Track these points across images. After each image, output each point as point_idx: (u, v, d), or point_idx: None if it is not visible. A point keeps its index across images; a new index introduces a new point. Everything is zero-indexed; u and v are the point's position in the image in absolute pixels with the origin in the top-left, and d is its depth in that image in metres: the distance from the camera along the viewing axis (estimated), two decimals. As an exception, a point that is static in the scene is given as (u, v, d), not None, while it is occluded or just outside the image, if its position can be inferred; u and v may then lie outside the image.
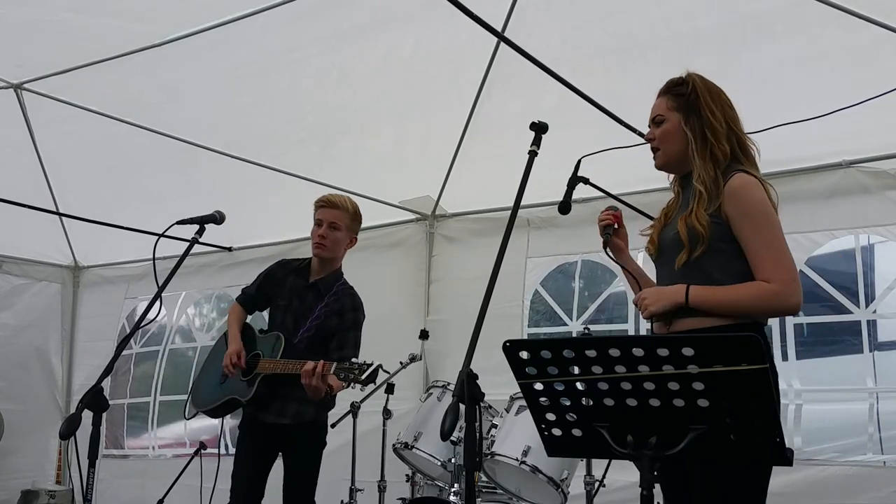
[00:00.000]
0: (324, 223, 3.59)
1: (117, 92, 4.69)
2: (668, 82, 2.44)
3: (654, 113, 2.43)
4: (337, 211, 3.60)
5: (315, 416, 3.54)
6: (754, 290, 2.19)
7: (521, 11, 4.09)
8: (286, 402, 3.48)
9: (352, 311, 3.60)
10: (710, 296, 2.21)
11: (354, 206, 3.69)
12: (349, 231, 3.66)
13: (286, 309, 3.63)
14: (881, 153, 4.19)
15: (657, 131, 2.41)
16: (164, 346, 6.70)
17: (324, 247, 3.59)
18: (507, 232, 2.21)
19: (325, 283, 3.63)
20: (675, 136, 2.38)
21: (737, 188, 2.26)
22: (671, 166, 2.44)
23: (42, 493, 6.29)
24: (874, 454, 4.05)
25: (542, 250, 5.22)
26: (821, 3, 3.53)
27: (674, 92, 2.40)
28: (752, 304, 2.19)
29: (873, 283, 4.24)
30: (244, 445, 3.57)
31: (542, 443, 1.95)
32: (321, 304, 3.55)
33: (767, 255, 2.20)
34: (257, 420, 3.52)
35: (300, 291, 3.64)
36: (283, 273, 3.74)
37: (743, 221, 2.23)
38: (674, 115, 2.38)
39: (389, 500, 4.43)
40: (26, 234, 6.38)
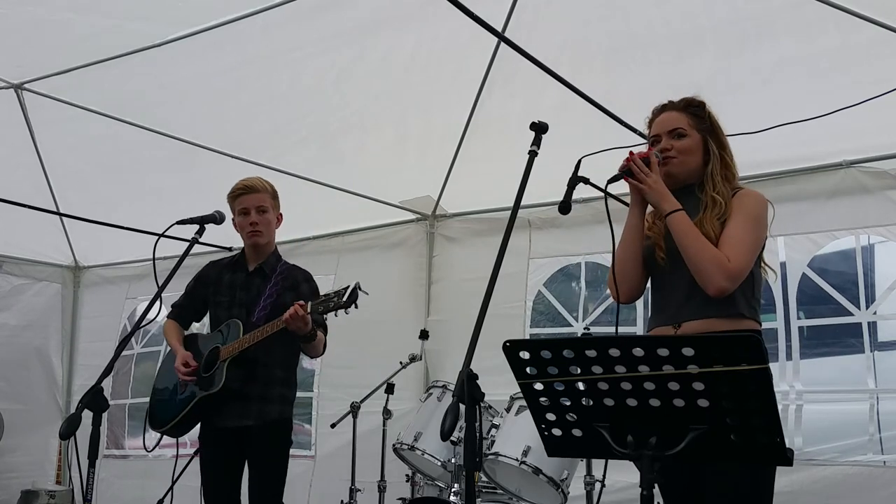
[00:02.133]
0: (251, 210, 3.50)
1: (117, 92, 4.69)
2: (683, 101, 2.58)
3: (673, 125, 2.53)
4: (259, 194, 3.53)
5: (280, 413, 3.42)
6: (716, 254, 2.32)
7: (521, 11, 4.09)
8: (247, 404, 3.36)
9: (305, 282, 3.55)
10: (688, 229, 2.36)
11: (271, 185, 3.62)
12: (274, 210, 3.60)
13: (231, 303, 3.52)
14: (881, 153, 4.19)
15: (677, 144, 2.51)
16: (165, 347, 6.69)
17: (259, 233, 3.51)
18: (507, 232, 2.21)
19: (267, 265, 3.56)
20: (697, 152, 2.52)
21: (751, 194, 2.48)
22: (680, 177, 2.52)
23: (42, 493, 6.29)
24: (874, 454, 4.05)
25: (545, 251, 5.22)
26: (821, 3, 3.53)
27: (692, 112, 2.55)
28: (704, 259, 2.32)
29: (873, 283, 4.24)
30: (210, 458, 3.43)
31: (542, 443, 1.95)
32: (270, 285, 3.48)
33: (740, 245, 2.35)
34: (218, 427, 3.38)
35: (243, 283, 3.55)
36: (216, 272, 3.66)
37: (738, 214, 2.40)
38: (695, 133, 2.53)
39: (389, 500, 4.43)
40: (26, 234, 6.38)
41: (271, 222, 3.57)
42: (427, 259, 5.68)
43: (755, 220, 2.41)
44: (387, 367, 4.79)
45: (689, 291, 2.38)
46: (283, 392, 3.47)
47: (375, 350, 5.24)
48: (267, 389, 3.41)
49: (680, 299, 2.42)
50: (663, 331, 2.43)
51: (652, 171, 2.44)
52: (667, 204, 2.40)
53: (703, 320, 2.35)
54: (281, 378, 3.46)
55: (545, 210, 5.06)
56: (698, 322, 2.36)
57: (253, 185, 3.55)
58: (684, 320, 2.39)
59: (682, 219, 2.38)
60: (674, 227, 2.38)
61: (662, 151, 2.51)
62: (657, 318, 2.51)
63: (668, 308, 2.47)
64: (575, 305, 5.18)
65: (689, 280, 2.37)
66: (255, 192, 3.52)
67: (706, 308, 2.35)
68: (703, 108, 2.56)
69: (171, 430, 3.51)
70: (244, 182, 3.57)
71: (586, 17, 4.09)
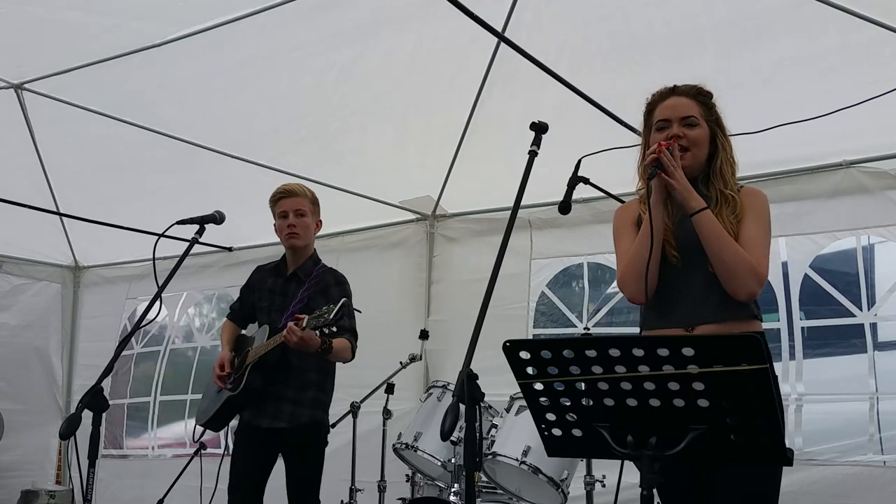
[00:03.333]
0: (289, 213, 3.60)
1: (117, 92, 4.68)
2: (692, 87, 2.46)
3: (687, 112, 2.41)
4: (298, 198, 3.62)
5: (311, 417, 3.52)
6: (749, 259, 2.26)
7: (521, 11, 4.09)
8: (280, 405, 3.47)
9: (336, 285, 3.60)
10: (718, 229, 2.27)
11: (311, 191, 3.72)
12: (314, 215, 3.68)
13: (270, 308, 3.63)
14: (881, 153, 4.19)
15: (690, 133, 2.40)
16: (165, 347, 6.70)
17: (297, 235, 3.60)
18: (508, 232, 2.21)
19: (303, 269, 3.64)
20: (705, 143, 2.43)
21: (757, 192, 2.43)
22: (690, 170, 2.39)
23: (42, 493, 6.29)
24: (874, 454, 4.05)
25: (546, 251, 5.22)
26: (821, 3, 3.52)
27: (701, 101, 2.45)
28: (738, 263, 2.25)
29: (874, 284, 4.24)
30: (241, 453, 3.54)
31: (542, 443, 1.95)
32: (303, 289, 3.56)
33: (763, 250, 2.31)
34: (252, 426, 3.51)
35: (281, 288, 3.66)
36: (261, 277, 3.77)
37: (755, 216, 2.34)
38: (705, 124, 2.43)
39: (389, 500, 4.43)
40: (26, 234, 6.38)
41: (309, 226, 3.65)
42: (427, 259, 5.68)
43: (767, 220, 2.36)
44: (387, 367, 4.79)
45: (706, 293, 2.30)
46: (317, 395, 3.56)
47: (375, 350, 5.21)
48: (300, 392, 3.50)
49: (694, 301, 2.33)
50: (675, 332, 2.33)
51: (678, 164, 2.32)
52: (695, 201, 2.30)
53: (720, 324, 2.28)
54: (315, 381, 3.54)
55: (545, 210, 5.06)
56: (714, 325, 2.28)
57: (292, 189, 3.66)
58: (699, 323, 2.30)
59: (711, 219, 2.28)
60: (703, 227, 2.28)
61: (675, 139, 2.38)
62: (665, 319, 2.38)
63: (678, 309, 2.36)
64: (578, 306, 5.18)
65: (705, 281, 2.30)
66: (294, 196, 3.62)
67: (724, 310, 2.29)
68: (710, 98, 2.46)
69: (208, 424, 3.67)
70: (284, 186, 3.69)
71: (586, 17, 4.09)
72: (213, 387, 3.70)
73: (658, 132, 2.43)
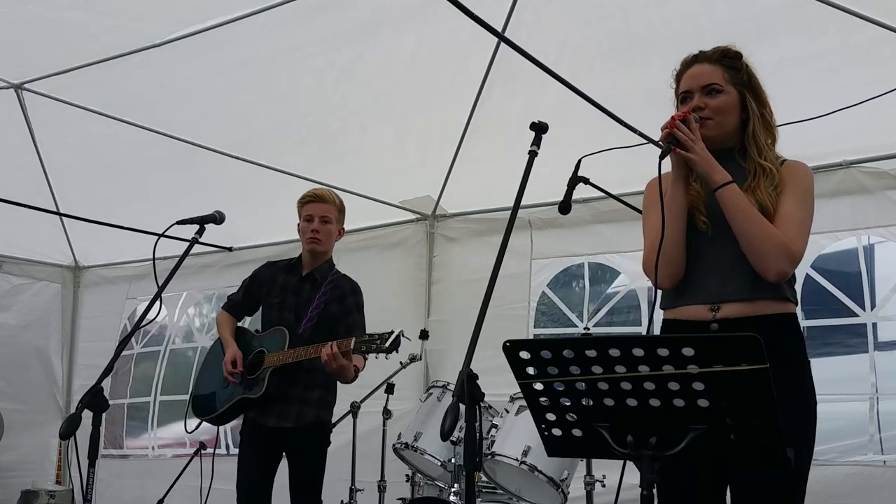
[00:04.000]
0: (315, 218, 3.63)
1: (117, 92, 4.69)
2: (717, 50, 2.30)
3: (708, 80, 2.25)
4: (326, 205, 3.65)
5: (316, 417, 3.55)
6: (779, 236, 2.11)
7: (521, 11, 4.09)
8: (287, 405, 3.49)
9: (352, 294, 3.65)
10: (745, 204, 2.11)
11: (340, 199, 3.76)
12: (338, 223, 3.72)
13: (282, 305, 3.64)
14: (881, 153, 4.19)
15: (712, 102, 2.23)
16: (165, 347, 6.70)
17: (319, 241, 3.63)
18: (507, 232, 2.20)
19: (319, 272, 3.66)
20: (734, 110, 2.26)
21: (799, 165, 2.27)
22: (716, 139, 2.23)
23: (42, 493, 6.29)
24: (874, 454, 4.05)
25: (547, 251, 5.23)
26: (821, 3, 3.52)
27: (728, 64, 2.28)
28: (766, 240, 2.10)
29: (874, 284, 4.24)
30: (247, 452, 3.56)
31: (542, 443, 1.95)
32: (319, 293, 3.58)
33: (800, 226, 2.15)
34: (258, 424, 3.53)
35: (294, 287, 3.66)
36: (271, 273, 3.77)
37: (794, 190, 2.19)
38: (732, 89, 2.26)
39: (389, 500, 4.43)
40: (26, 233, 6.38)
41: (332, 234, 3.69)
42: (427, 259, 5.68)
43: (809, 197, 2.20)
44: (387, 367, 4.78)
45: (734, 267, 2.16)
46: (323, 395, 3.57)
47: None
48: (307, 393, 3.51)
49: (722, 276, 2.18)
50: (695, 311, 2.21)
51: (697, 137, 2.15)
52: (718, 175, 2.14)
53: (749, 303, 2.14)
54: (322, 382, 3.55)
55: (545, 210, 5.06)
56: (742, 305, 2.14)
57: (322, 195, 3.69)
58: (726, 301, 2.16)
59: (737, 193, 2.13)
60: (727, 201, 2.13)
61: (696, 111, 2.22)
62: (689, 295, 2.23)
63: (705, 285, 2.20)
64: (579, 306, 5.18)
65: (733, 254, 2.15)
66: (323, 203, 3.66)
67: (754, 288, 2.14)
68: (739, 60, 2.28)
69: (212, 420, 3.68)
70: (315, 191, 3.74)
71: (586, 17, 4.09)
72: (215, 381, 3.68)
73: (682, 105, 2.30)
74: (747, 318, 2.14)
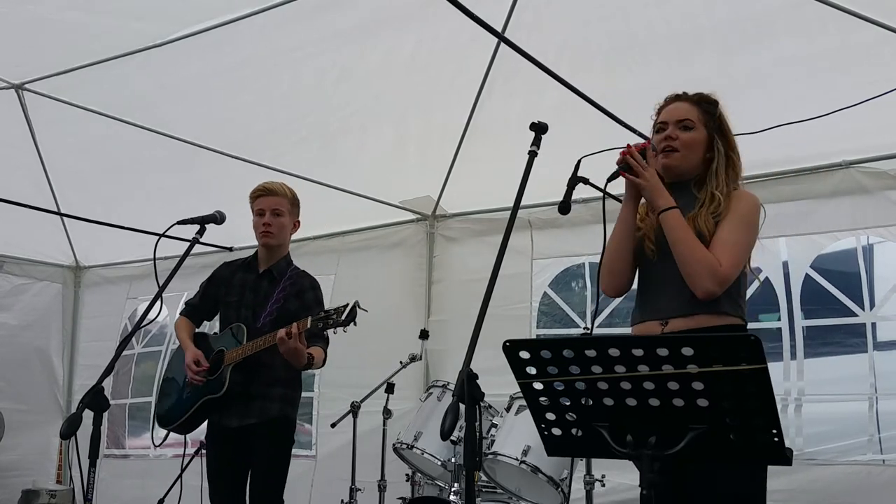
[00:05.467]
0: (266, 211, 3.57)
1: (117, 92, 4.69)
2: (697, 95, 2.56)
3: (682, 116, 2.51)
4: (276, 197, 3.59)
5: (280, 411, 3.45)
6: (708, 258, 2.32)
7: (521, 11, 4.09)
8: (248, 402, 3.42)
9: (311, 289, 3.59)
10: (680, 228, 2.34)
11: (292, 191, 3.68)
12: (291, 216, 3.65)
13: (239, 304, 3.57)
14: (881, 153, 4.19)
15: (683, 136, 2.49)
16: (167, 347, 6.70)
17: (271, 234, 3.57)
18: (507, 232, 2.21)
19: (277, 268, 3.61)
20: (700, 147, 2.49)
21: (744, 195, 2.47)
22: (677, 171, 2.50)
23: (43, 492, 6.30)
24: (874, 454, 4.05)
25: (547, 251, 5.23)
26: (821, 3, 3.52)
27: (704, 107, 2.53)
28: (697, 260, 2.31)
29: (873, 284, 4.25)
30: (214, 458, 3.49)
31: (542, 442, 1.95)
32: (278, 289, 3.52)
33: (732, 248, 2.35)
34: (221, 426, 3.46)
35: (252, 284, 3.61)
36: (229, 272, 3.72)
37: (731, 217, 2.39)
38: (702, 129, 2.50)
39: (389, 499, 4.43)
40: (27, 234, 6.38)
41: (285, 226, 3.62)
42: (427, 259, 5.68)
43: (748, 223, 2.41)
44: (387, 367, 4.79)
45: (678, 287, 2.36)
46: (286, 392, 3.50)
47: (375, 350, 5.23)
48: (269, 389, 3.45)
49: (668, 295, 2.40)
50: (649, 326, 2.43)
51: (649, 165, 2.42)
52: (662, 200, 2.39)
53: (689, 318, 2.34)
54: (283, 378, 3.49)
55: (545, 210, 5.06)
56: (684, 320, 2.35)
57: (272, 188, 3.62)
58: (671, 316, 2.38)
59: (676, 217, 2.36)
60: (667, 224, 2.37)
61: (666, 140, 2.48)
62: (643, 312, 2.49)
63: (654, 302, 2.45)
64: (581, 307, 5.18)
65: (677, 275, 2.36)
66: (273, 196, 3.59)
67: (691, 304, 2.34)
68: (715, 106, 2.53)
69: (178, 428, 3.60)
70: (264, 184, 3.65)
71: (586, 18, 4.09)
72: (175, 387, 3.62)
73: (657, 134, 2.53)
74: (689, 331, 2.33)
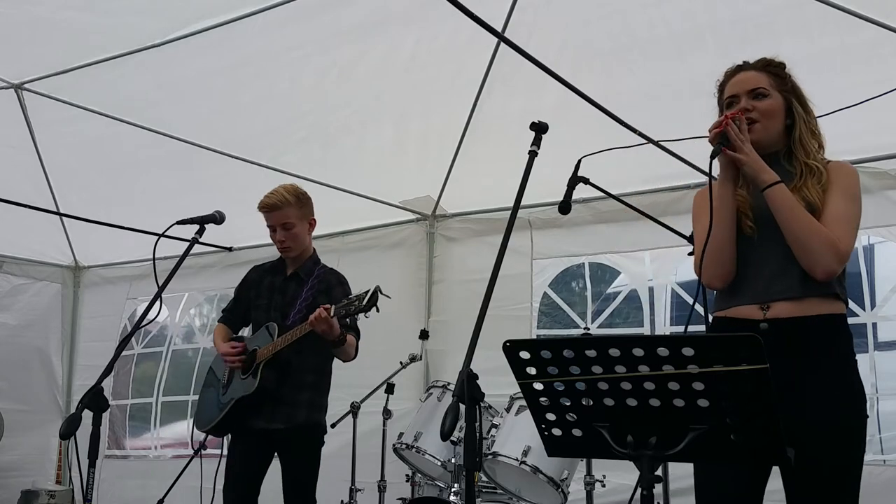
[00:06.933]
0: (276, 227, 3.57)
1: (117, 92, 4.69)
2: (761, 60, 2.39)
3: (754, 85, 2.32)
4: (280, 211, 3.54)
5: (307, 418, 3.49)
6: (826, 233, 2.14)
7: (521, 11, 4.09)
8: (276, 406, 3.44)
9: (338, 285, 3.59)
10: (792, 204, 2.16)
11: (294, 193, 3.60)
12: (303, 219, 3.61)
13: (268, 306, 3.61)
14: (881, 153, 4.19)
15: (759, 105, 2.30)
16: (167, 348, 6.70)
17: (289, 248, 3.60)
18: (507, 232, 2.21)
19: (304, 269, 3.63)
20: (780, 114, 2.32)
21: (845, 165, 2.31)
22: (763, 143, 2.28)
23: (42, 492, 6.30)
24: (874, 454, 4.05)
25: (547, 251, 5.23)
26: (821, 3, 3.52)
27: (772, 71, 2.36)
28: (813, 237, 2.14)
29: (874, 284, 4.24)
30: (236, 452, 3.52)
31: (542, 443, 1.95)
32: (306, 288, 3.55)
33: (847, 224, 2.19)
34: (247, 426, 3.48)
35: (280, 286, 3.64)
36: (258, 276, 3.75)
37: (841, 189, 2.23)
38: (777, 95, 2.33)
39: (389, 500, 4.43)
40: (26, 233, 6.38)
41: (298, 235, 3.60)
42: (427, 259, 5.68)
43: (855, 197, 2.23)
44: (387, 367, 4.79)
45: (783, 267, 2.19)
46: (313, 397, 3.54)
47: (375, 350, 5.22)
48: (297, 394, 3.48)
49: (769, 276, 2.21)
50: (748, 311, 2.23)
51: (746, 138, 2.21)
52: (766, 175, 2.18)
53: (798, 301, 2.17)
54: (311, 383, 3.53)
55: (545, 210, 5.06)
56: (791, 303, 2.17)
57: (272, 203, 3.54)
58: (775, 299, 2.19)
59: (785, 191, 2.17)
60: (775, 201, 2.17)
61: (744, 113, 2.27)
62: (737, 296, 2.27)
63: (753, 286, 2.24)
64: (581, 307, 5.18)
65: (781, 254, 2.19)
66: (277, 210, 3.54)
67: (803, 286, 2.17)
68: (783, 69, 2.36)
69: (213, 431, 3.63)
70: (265, 201, 3.57)
71: (586, 18, 4.09)
72: (212, 391, 3.67)
73: (728, 109, 2.34)
74: (796, 318, 2.17)
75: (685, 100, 3.76)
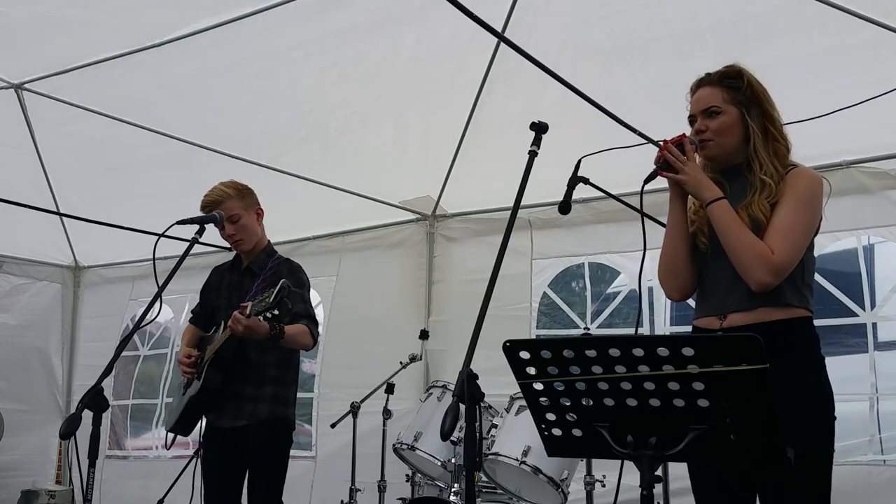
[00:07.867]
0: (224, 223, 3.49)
1: (117, 92, 4.69)
2: (716, 74, 2.40)
3: (707, 104, 2.36)
4: (223, 205, 3.48)
5: (271, 413, 3.39)
6: (759, 247, 2.18)
7: (521, 11, 4.09)
8: (240, 403, 3.39)
9: (290, 274, 3.47)
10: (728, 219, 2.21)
11: (233, 186, 3.57)
12: (248, 210, 3.56)
13: (228, 305, 3.54)
14: (881, 153, 4.19)
15: (712, 123, 2.34)
16: (171, 349, 6.70)
17: (241, 241, 3.54)
18: (507, 232, 2.21)
19: (257, 263, 3.58)
20: (734, 129, 2.34)
21: (801, 173, 2.30)
22: (720, 159, 2.36)
23: (42, 492, 6.30)
24: (874, 454, 4.05)
25: (547, 251, 5.23)
26: (821, 3, 3.52)
27: (727, 84, 2.37)
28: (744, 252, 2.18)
29: (874, 284, 4.24)
30: (209, 458, 3.48)
31: (542, 443, 1.95)
32: (258, 282, 3.50)
33: (786, 233, 2.20)
34: (216, 427, 3.45)
35: (237, 283, 3.60)
36: (218, 276, 3.73)
37: (786, 200, 2.24)
38: (732, 109, 2.35)
39: (389, 500, 4.43)
40: (27, 233, 6.38)
41: (247, 226, 3.54)
42: (427, 259, 5.68)
43: (805, 203, 2.25)
44: (387, 367, 4.79)
45: (734, 280, 2.24)
46: (277, 390, 3.44)
47: (375, 350, 5.24)
48: (259, 389, 3.42)
49: (723, 289, 2.29)
50: (708, 321, 2.31)
51: (688, 159, 2.28)
52: (707, 192, 2.25)
53: (749, 312, 2.22)
54: (274, 377, 3.45)
55: (545, 210, 5.06)
56: (743, 314, 2.23)
57: (213, 199, 3.49)
58: (730, 311, 2.26)
59: (722, 208, 2.23)
60: (713, 217, 2.24)
61: (698, 133, 2.34)
62: (701, 308, 2.38)
63: (712, 298, 2.33)
64: (581, 307, 5.18)
65: (732, 268, 2.24)
66: (219, 206, 3.48)
67: (750, 299, 2.22)
68: (739, 79, 2.36)
69: (176, 430, 3.59)
70: (205, 199, 3.51)
71: (586, 17, 4.09)
72: (176, 392, 3.65)
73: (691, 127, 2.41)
74: (750, 326, 2.19)
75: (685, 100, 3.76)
